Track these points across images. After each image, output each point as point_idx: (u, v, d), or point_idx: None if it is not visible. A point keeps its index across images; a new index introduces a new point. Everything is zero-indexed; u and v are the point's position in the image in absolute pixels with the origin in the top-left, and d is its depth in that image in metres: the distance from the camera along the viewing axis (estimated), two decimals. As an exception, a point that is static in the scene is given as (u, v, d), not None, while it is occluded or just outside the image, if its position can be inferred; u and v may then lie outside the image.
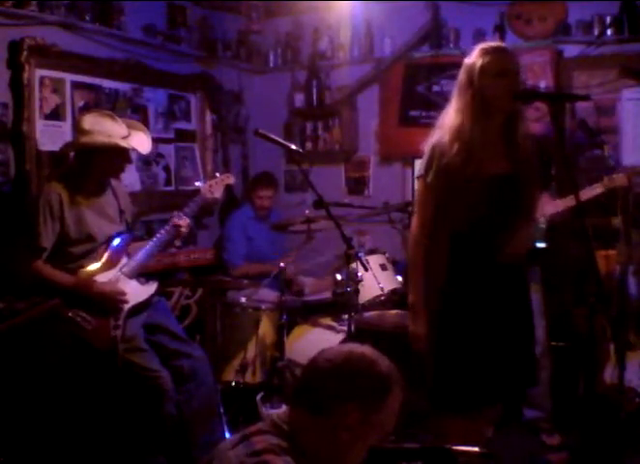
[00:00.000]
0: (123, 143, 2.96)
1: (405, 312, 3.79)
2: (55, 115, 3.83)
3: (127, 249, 3.07)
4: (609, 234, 3.60)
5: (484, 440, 2.48)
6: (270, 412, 1.53)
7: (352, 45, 5.05)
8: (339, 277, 3.70)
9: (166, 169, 4.68)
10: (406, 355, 2.55)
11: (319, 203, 3.18)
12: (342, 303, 3.63)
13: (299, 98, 5.25)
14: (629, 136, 4.22)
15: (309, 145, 5.29)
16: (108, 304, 2.89)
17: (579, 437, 3.34)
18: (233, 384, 3.60)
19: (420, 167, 2.47)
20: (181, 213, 3.15)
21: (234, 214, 4.70)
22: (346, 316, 3.38)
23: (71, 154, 3.17)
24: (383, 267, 3.79)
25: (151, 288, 3.09)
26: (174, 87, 4.72)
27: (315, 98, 5.16)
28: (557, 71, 4.32)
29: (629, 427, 3.16)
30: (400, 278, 3.83)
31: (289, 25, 5.34)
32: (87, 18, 3.98)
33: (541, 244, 4.01)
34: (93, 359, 2.84)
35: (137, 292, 3.00)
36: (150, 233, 3.43)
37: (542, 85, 4.28)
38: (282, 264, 3.68)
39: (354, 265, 3.40)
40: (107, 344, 2.84)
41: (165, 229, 3.11)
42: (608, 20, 4.23)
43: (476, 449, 1.70)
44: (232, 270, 4.41)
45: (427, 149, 2.43)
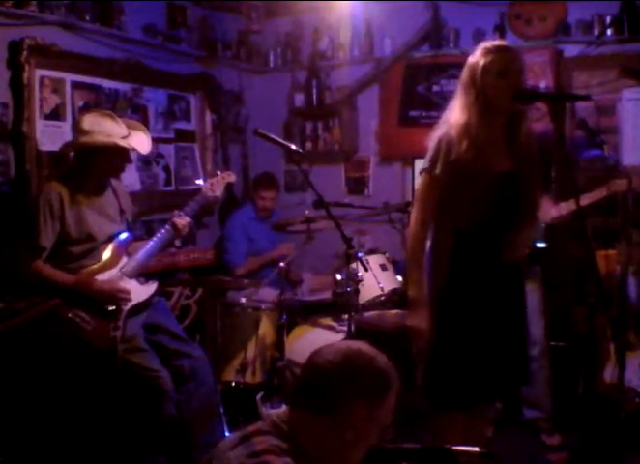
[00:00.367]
0: (123, 143, 2.96)
1: (405, 312, 3.81)
2: (55, 115, 3.83)
3: (127, 249, 3.07)
4: (609, 234, 3.60)
5: (484, 440, 2.48)
6: (270, 412, 1.52)
7: (352, 45, 5.05)
8: (339, 277, 3.70)
9: (166, 169, 4.68)
10: (405, 354, 2.55)
11: (319, 203, 3.18)
12: (342, 303, 3.63)
13: (299, 98, 5.25)
14: (629, 136, 4.22)
15: (309, 145, 5.30)
16: (109, 303, 2.89)
17: (579, 437, 3.34)
18: (233, 384, 3.60)
19: (424, 161, 2.43)
20: (181, 212, 3.15)
21: (235, 214, 4.70)
22: (346, 316, 3.38)
23: (70, 154, 3.17)
24: (383, 267, 3.79)
25: (151, 288, 3.09)
26: (174, 87, 4.72)
27: (315, 98, 5.17)
28: (557, 71, 4.33)
29: (629, 427, 3.16)
30: (400, 278, 3.84)
31: (289, 25, 5.34)
32: (87, 18, 3.98)
33: (541, 244, 4.01)
34: (92, 359, 2.83)
35: (137, 292, 3.00)
36: (150, 233, 3.43)
37: (542, 85, 4.28)
38: (282, 264, 3.68)
39: (354, 265, 3.40)
40: (107, 344, 2.83)
41: (165, 229, 3.11)
42: (608, 20, 4.23)
43: (476, 449, 1.70)
44: (234, 269, 4.41)
45: (433, 143, 2.40)
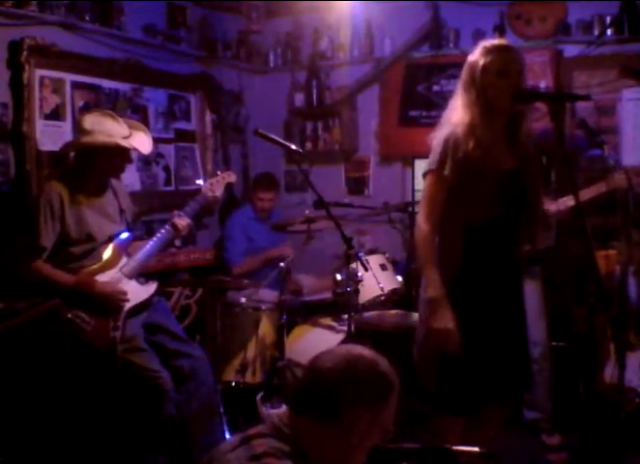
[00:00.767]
0: (124, 143, 2.96)
1: (405, 312, 3.82)
2: (55, 115, 3.83)
3: (127, 249, 3.07)
4: (609, 233, 3.60)
5: (486, 442, 2.47)
6: (270, 412, 1.52)
7: (352, 45, 5.06)
8: (339, 277, 3.70)
9: (166, 169, 4.68)
10: (406, 355, 2.55)
11: (319, 203, 3.18)
12: (342, 303, 3.63)
13: (299, 98, 5.26)
14: (629, 136, 4.23)
15: (309, 145, 5.30)
16: (109, 304, 2.88)
17: (579, 437, 3.34)
18: (233, 384, 3.60)
19: (429, 161, 2.40)
20: (181, 212, 3.15)
21: (234, 213, 4.70)
22: (346, 316, 3.38)
23: (71, 153, 3.17)
24: (383, 267, 3.79)
25: (151, 288, 3.08)
26: (174, 87, 4.72)
27: (315, 98, 5.17)
28: (557, 71, 4.33)
29: (629, 427, 3.16)
30: (400, 278, 3.84)
31: (289, 25, 5.34)
32: (87, 18, 3.98)
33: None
34: (92, 359, 2.83)
35: (137, 292, 3.00)
36: (150, 233, 3.43)
37: (542, 85, 4.28)
38: (282, 264, 3.68)
39: (354, 265, 3.39)
40: (107, 345, 2.83)
41: (165, 229, 3.11)
42: (608, 20, 4.23)
43: (476, 449, 1.70)
44: (233, 268, 4.41)
45: (439, 142, 2.37)
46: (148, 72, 4.44)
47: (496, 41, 2.44)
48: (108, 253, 2.99)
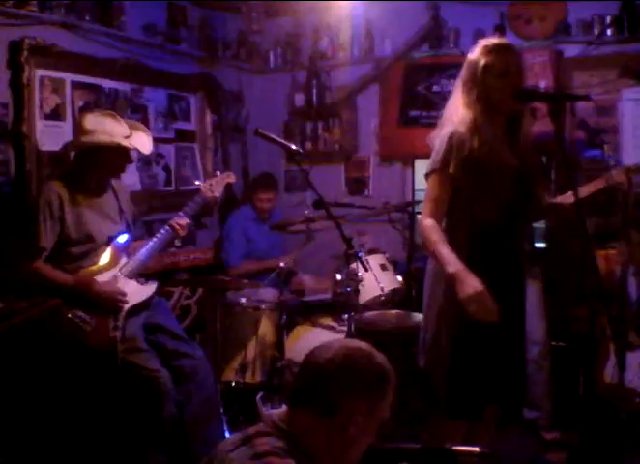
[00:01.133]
0: (125, 143, 2.96)
1: (405, 312, 3.82)
2: (55, 115, 3.83)
3: (127, 249, 3.07)
4: (609, 234, 3.60)
5: (486, 441, 2.47)
6: (270, 412, 1.52)
7: (352, 45, 5.05)
8: (339, 277, 3.70)
9: (166, 169, 4.68)
10: (405, 354, 2.55)
11: (319, 203, 3.17)
12: (342, 303, 3.63)
13: (299, 98, 5.25)
14: (629, 136, 4.22)
15: (309, 145, 5.29)
16: (108, 305, 2.88)
17: (579, 437, 3.34)
18: (233, 384, 3.60)
19: (432, 161, 2.39)
20: (180, 212, 3.15)
21: (234, 214, 4.69)
22: (346, 316, 3.38)
23: (71, 153, 3.17)
24: (383, 267, 3.79)
25: (151, 288, 3.09)
26: (174, 87, 4.72)
27: (315, 98, 5.16)
28: (557, 71, 4.32)
29: (629, 427, 3.16)
30: (400, 278, 3.84)
31: (289, 25, 5.34)
32: (87, 18, 3.98)
33: (541, 244, 4.01)
34: (92, 359, 2.83)
35: (137, 292, 3.00)
36: (150, 233, 3.42)
37: (542, 85, 4.28)
38: (282, 263, 3.68)
39: (354, 265, 3.39)
40: (107, 345, 2.83)
41: (165, 229, 3.11)
42: (608, 20, 4.23)
43: (476, 449, 1.70)
44: (230, 270, 4.41)
45: (442, 141, 2.36)
46: (148, 72, 4.43)
47: (496, 39, 2.44)
48: (106, 258, 2.99)
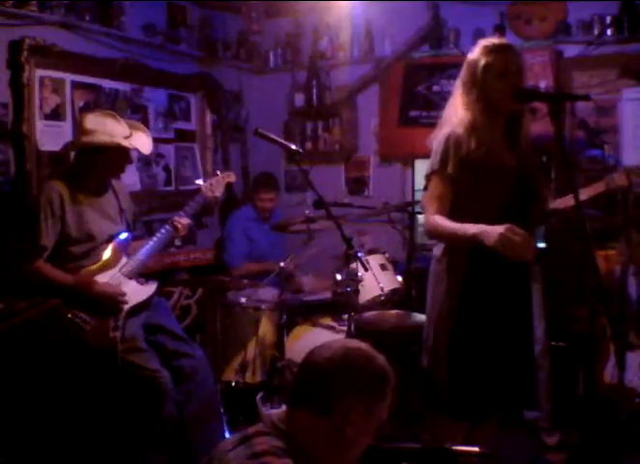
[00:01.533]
0: (125, 143, 2.96)
1: (405, 312, 3.82)
2: (55, 115, 3.83)
3: (127, 249, 3.07)
4: (609, 234, 3.60)
5: (487, 441, 2.47)
6: (270, 412, 1.52)
7: (352, 45, 5.05)
8: (339, 277, 3.70)
9: (166, 169, 4.68)
10: (405, 355, 2.55)
11: (319, 203, 3.17)
12: (342, 303, 3.63)
13: (299, 98, 5.25)
14: (629, 136, 4.23)
15: (309, 145, 5.29)
16: (108, 305, 2.88)
17: (579, 437, 3.34)
18: (233, 384, 3.60)
19: (432, 162, 2.38)
20: (181, 212, 3.15)
21: (235, 214, 4.70)
22: (346, 316, 3.38)
23: (72, 153, 3.17)
24: (383, 267, 3.79)
25: (151, 288, 3.08)
26: (174, 87, 4.72)
27: (315, 98, 5.17)
28: (557, 71, 4.32)
29: (629, 427, 3.17)
30: (400, 278, 3.83)
31: (289, 25, 5.34)
32: (87, 18, 3.98)
33: (541, 244, 4.01)
34: (92, 359, 2.83)
35: (137, 292, 3.00)
36: (150, 233, 3.42)
37: (542, 85, 4.28)
38: (282, 264, 3.68)
39: (354, 265, 3.39)
40: (106, 345, 2.83)
41: (165, 229, 3.11)
42: (608, 20, 4.23)
43: (476, 449, 1.70)
44: (231, 270, 4.42)
45: (440, 142, 2.36)
46: (148, 72, 4.44)
47: (496, 39, 2.43)
48: (108, 254, 2.99)
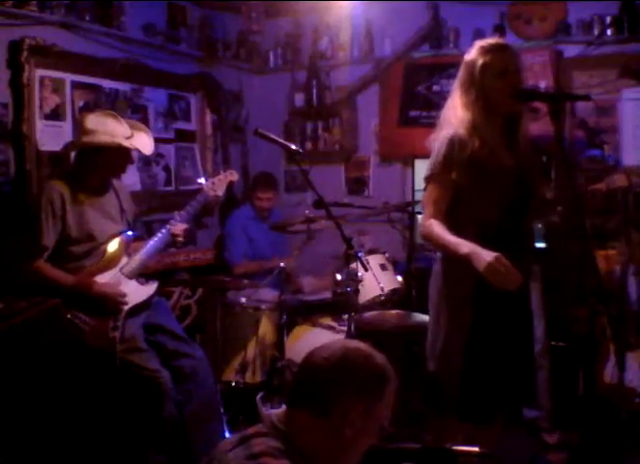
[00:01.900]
0: (126, 143, 2.96)
1: (405, 312, 3.82)
2: (55, 115, 3.83)
3: (127, 249, 3.07)
4: (609, 234, 3.60)
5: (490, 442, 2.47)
6: (270, 412, 1.52)
7: (352, 45, 5.06)
8: (339, 277, 3.70)
9: (166, 169, 4.68)
10: (405, 355, 2.55)
11: (319, 203, 3.17)
12: (342, 303, 3.63)
13: (299, 98, 5.26)
14: (629, 136, 4.23)
15: (309, 145, 5.30)
16: (108, 306, 2.89)
17: (579, 436, 3.34)
18: (233, 384, 3.60)
19: (432, 164, 2.36)
20: (182, 212, 3.14)
21: (234, 213, 4.70)
22: (346, 316, 3.38)
23: (72, 153, 3.17)
24: (383, 267, 3.79)
25: (151, 288, 3.08)
26: (174, 87, 4.72)
27: (315, 98, 5.17)
28: (557, 71, 4.33)
29: (629, 427, 3.17)
30: (400, 278, 3.83)
31: (289, 25, 5.34)
32: (87, 18, 3.98)
33: (541, 244, 4.01)
34: (92, 359, 2.83)
35: (137, 292, 3.00)
36: (150, 233, 3.42)
37: (542, 85, 4.28)
38: (282, 264, 3.68)
39: (354, 265, 3.39)
40: (106, 345, 2.83)
41: (165, 229, 3.10)
42: (608, 20, 4.23)
43: (476, 449, 1.70)
44: (234, 268, 4.43)
45: (442, 144, 2.33)
46: (148, 72, 4.44)
47: (493, 39, 2.42)
48: (114, 246, 3.00)
